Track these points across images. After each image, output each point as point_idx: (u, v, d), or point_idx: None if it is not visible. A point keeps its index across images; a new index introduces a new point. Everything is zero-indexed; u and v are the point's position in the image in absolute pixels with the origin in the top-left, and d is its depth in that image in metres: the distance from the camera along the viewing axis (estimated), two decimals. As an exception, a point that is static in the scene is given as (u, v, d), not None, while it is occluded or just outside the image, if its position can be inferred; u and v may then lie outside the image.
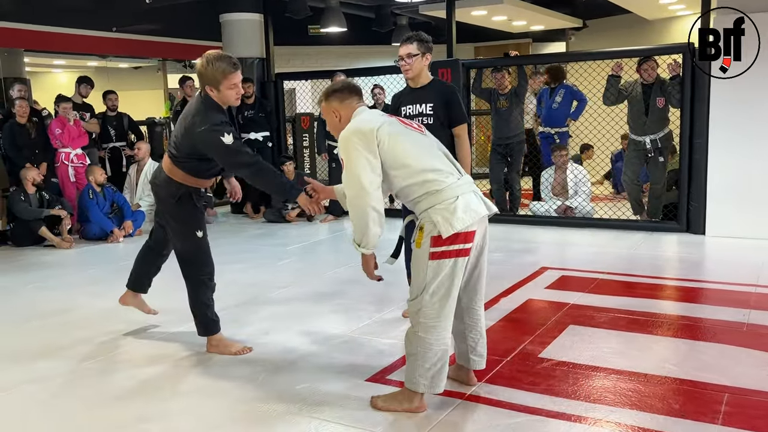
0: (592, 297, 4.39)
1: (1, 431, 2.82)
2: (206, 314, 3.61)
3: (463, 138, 3.83)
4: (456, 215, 2.61)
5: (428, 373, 2.72)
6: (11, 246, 6.81)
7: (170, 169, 3.45)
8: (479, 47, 12.72)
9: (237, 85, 3.30)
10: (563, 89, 7.66)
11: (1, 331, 4.15)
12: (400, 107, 3.90)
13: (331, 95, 2.90)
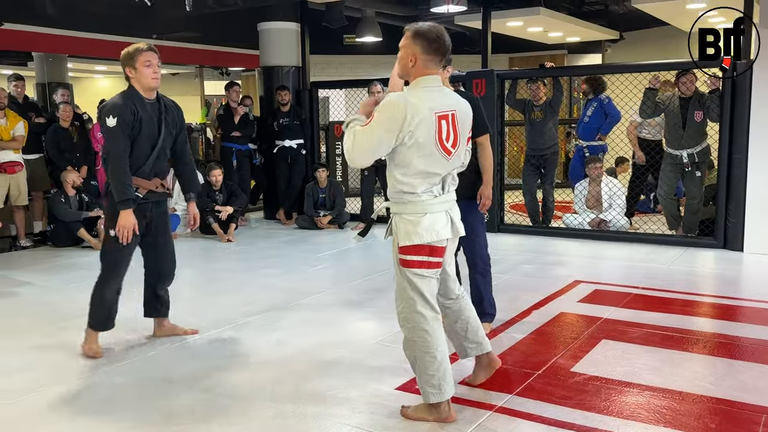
0: (625, 312, 4.33)
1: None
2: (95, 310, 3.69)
3: (486, 147, 3.88)
4: (417, 230, 2.68)
5: (433, 381, 2.73)
6: (51, 246, 6.98)
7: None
8: (514, 58, 12.68)
9: (151, 63, 3.52)
10: (595, 102, 7.58)
11: (42, 329, 4.25)
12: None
13: (417, 38, 2.68)
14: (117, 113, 3.42)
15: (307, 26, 8.72)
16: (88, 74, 16.63)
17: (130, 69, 3.52)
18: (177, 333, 4.00)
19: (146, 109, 3.54)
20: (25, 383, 3.33)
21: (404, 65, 2.75)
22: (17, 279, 5.60)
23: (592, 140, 7.72)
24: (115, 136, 3.43)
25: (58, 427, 2.87)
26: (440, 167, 2.71)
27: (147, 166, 3.59)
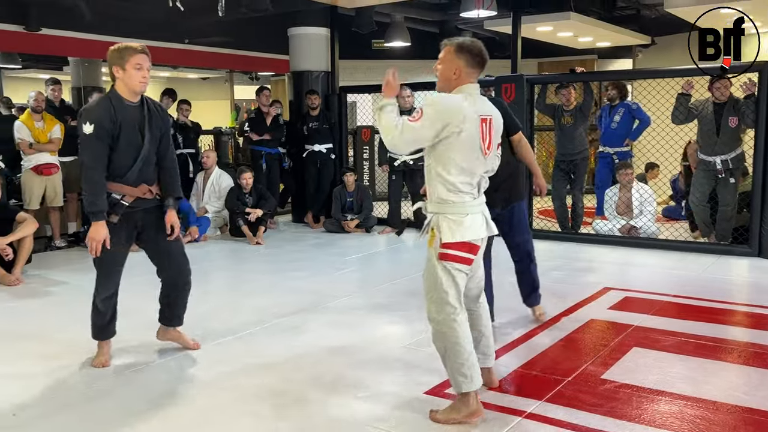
0: (657, 319, 4.27)
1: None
2: (92, 319, 3.64)
3: (524, 141, 4.03)
4: (461, 228, 2.85)
5: (463, 369, 2.81)
6: (84, 247, 7.09)
7: None
8: (543, 63, 12.60)
9: (142, 66, 3.32)
10: (622, 108, 7.48)
11: (75, 328, 4.33)
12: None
13: (462, 53, 2.86)
14: (94, 119, 3.24)
15: (336, 31, 8.78)
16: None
17: (117, 68, 3.31)
18: (180, 341, 3.83)
19: (127, 114, 3.33)
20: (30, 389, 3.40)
21: (447, 78, 2.91)
22: (53, 278, 5.72)
23: (619, 146, 7.62)
24: (90, 144, 3.25)
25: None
26: (478, 166, 2.88)
27: (132, 174, 3.38)
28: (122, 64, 3.29)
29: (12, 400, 3.15)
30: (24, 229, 5.65)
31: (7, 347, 3.95)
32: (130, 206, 3.44)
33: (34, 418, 2.97)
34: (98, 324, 3.62)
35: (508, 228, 4.09)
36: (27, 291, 5.31)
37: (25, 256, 5.66)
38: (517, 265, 4.28)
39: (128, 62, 3.29)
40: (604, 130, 7.67)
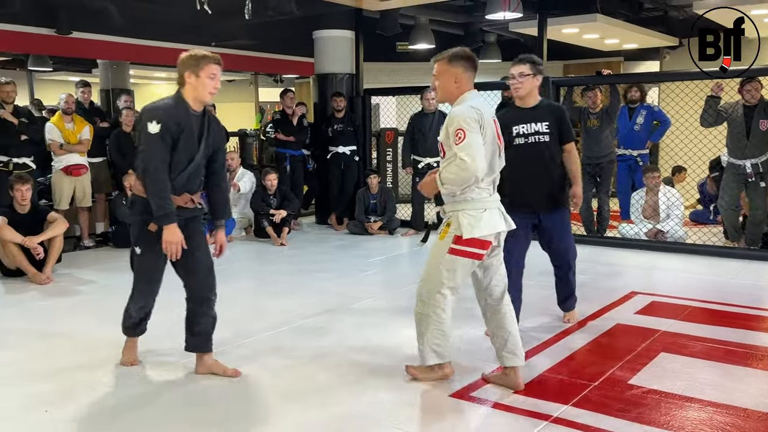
0: (685, 325, 4.22)
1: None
2: (124, 317, 3.61)
3: (574, 153, 4.11)
4: (479, 224, 3.02)
5: (438, 349, 3.16)
6: (112, 247, 7.22)
7: (134, 182, 3.36)
8: (568, 65, 12.51)
9: (215, 76, 3.23)
10: (644, 110, 7.39)
11: (104, 326, 4.40)
12: (511, 126, 3.95)
13: (457, 60, 3.06)
14: (161, 119, 3.11)
15: (361, 34, 8.81)
16: (147, 81, 17.16)
17: (190, 74, 3.19)
18: (217, 372, 3.48)
19: (190, 121, 3.22)
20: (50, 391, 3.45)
21: (448, 89, 3.10)
22: (82, 277, 5.81)
23: (641, 148, 7.52)
24: (156, 144, 3.10)
25: (121, 421, 2.97)
26: (498, 164, 3.13)
27: (179, 181, 3.25)
28: (197, 71, 3.18)
29: (44, 396, 3.21)
30: (55, 229, 5.75)
31: (38, 344, 4.03)
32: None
33: (64, 414, 3.02)
34: (130, 323, 3.62)
35: (551, 233, 4.13)
36: (57, 290, 5.40)
37: (56, 255, 5.76)
38: (556, 270, 4.31)
39: (203, 70, 3.18)
40: (625, 133, 7.57)
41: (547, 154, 3.98)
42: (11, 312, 4.79)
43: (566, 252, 4.21)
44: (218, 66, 3.25)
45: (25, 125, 6.62)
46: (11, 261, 5.61)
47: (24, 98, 10.98)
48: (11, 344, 4.02)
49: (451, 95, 3.09)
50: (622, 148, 7.67)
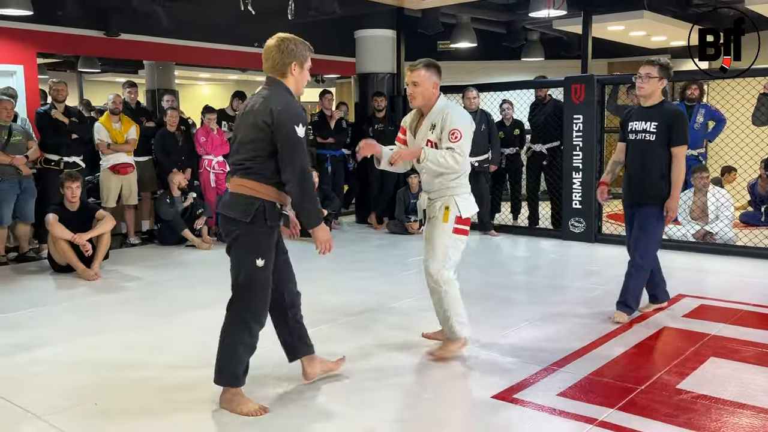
0: (735, 329, 4.09)
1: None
2: (233, 361, 2.95)
3: (680, 158, 4.16)
4: (468, 204, 3.59)
5: (462, 319, 3.57)
6: (157, 244, 7.36)
7: (241, 183, 2.90)
8: (613, 63, 12.28)
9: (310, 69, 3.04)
10: (703, 108, 7.19)
11: (150, 322, 4.49)
12: (629, 122, 4.28)
13: (433, 67, 3.51)
14: (303, 122, 2.87)
15: (402, 33, 8.80)
16: (192, 81, 17.44)
17: (296, 66, 2.92)
18: (329, 369, 3.36)
19: None
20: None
21: (428, 94, 3.51)
22: (128, 274, 5.94)
23: (701, 147, 7.31)
24: (304, 147, 2.88)
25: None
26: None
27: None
28: (303, 62, 2.95)
29: (94, 388, 3.29)
30: (103, 226, 5.90)
31: (87, 339, 4.13)
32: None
33: (113, 407, 3.08)
34: (237, 370, 2.96)
35: (633, 226, 4.28)
36: (105, 286, 5.53)
37: (103, 252, 5.90)
38: (628, 265, 4.36)
39: (307, 61, 2.98)
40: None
41: (648, 152, 4.15)
42: (62, 307, 4.93)
43: (635, 248, 4.25)
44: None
45: (75, 125, 6.81)
46: (62, 257, 5.77)
47: (74, 99, 11.29)
48: (62, 338, 4.13)
49: (430, 100, 3.51)
50: None
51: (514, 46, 11.15)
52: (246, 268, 2.92)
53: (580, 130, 7.16)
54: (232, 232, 2.93)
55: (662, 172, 4.13)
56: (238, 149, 2.93)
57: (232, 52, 9.68)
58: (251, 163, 2.87)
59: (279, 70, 2.93)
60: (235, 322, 2.94)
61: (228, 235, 2.97)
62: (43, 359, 3.75)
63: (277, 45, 2.93)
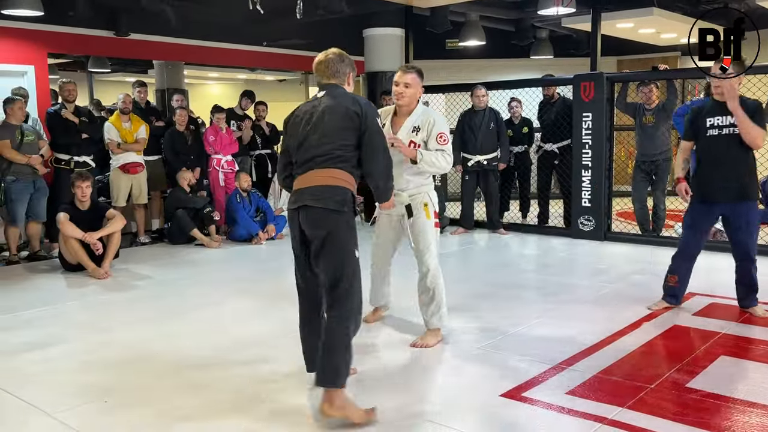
0: (747, 328, 4.07)
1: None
2: (346, 358, 2.84)
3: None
4: (435, 198, 3.92)
5: (444, 309, 3.91)
6: (167, 243, 7.39)
7: (330, 175, 2.87)
8: (622, 60, 12.22)
9: None
10: None
11: (161, 320, 4.51)
12: (706, 117, 4.21)
13: (421, 74, 3.79)
14: (380, 118, 3.18)
15: (411, 31, 8.79)
16: (201, 81, 17.50)
17: (351, 75, 3.18)
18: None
19: None
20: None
21: (415, 97, 3.78)
22: (139, 272, 5.98)
23: None
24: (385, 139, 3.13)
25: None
26: None
27: None
28: (353, 74, 3.22)
29: (104, 385, 3.31)
30: (113, 225, 5.93)
31: (98, 337, 4.15)
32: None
33: (123, 404, 3.10)
34: (347, 368, 2.83)
35: (736, 225, 4.22)
36: (115, 284, 5.57)
37: (114, 250, 5.93)
38: (737, 264, 4.33)
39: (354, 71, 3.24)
40: None
41: (734, 146, 4.10)
42: (73, 306, 4.96)
43: (748, 245, 4.23)
44: None
45: (85, 124, 6.85)
46: (72, 256, 5.81)
47: (84, 99, 11.36)
48: (72, 336, 4.16)
49: (412, 103, 3.78)
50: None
51: (522, 44, 11.12)
52: (349, 261, 2.87)
53: (589, 128, 7.13)
54: (326, 227, 2.84)
55: (751, 166, 4.15)
56: (321, 141, 2.90)
57: (241, 51, 9.71)
58: (342, 152, 2.91)
59: (340, 77, 3.13)
60: (344, 320, 2.84)
61: (319, 229, 2.84)
62: (54, 357, 3.78)
63: (340, 55, 3.16)
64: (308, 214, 2.87)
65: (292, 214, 2.98)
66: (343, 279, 2.84)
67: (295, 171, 3.00)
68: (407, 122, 3.78)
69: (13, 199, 6.26)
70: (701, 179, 4.26)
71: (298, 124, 3.01)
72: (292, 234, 3.03)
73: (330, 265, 2.86)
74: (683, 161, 4.45)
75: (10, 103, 6.34)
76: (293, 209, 2.96)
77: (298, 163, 2.97)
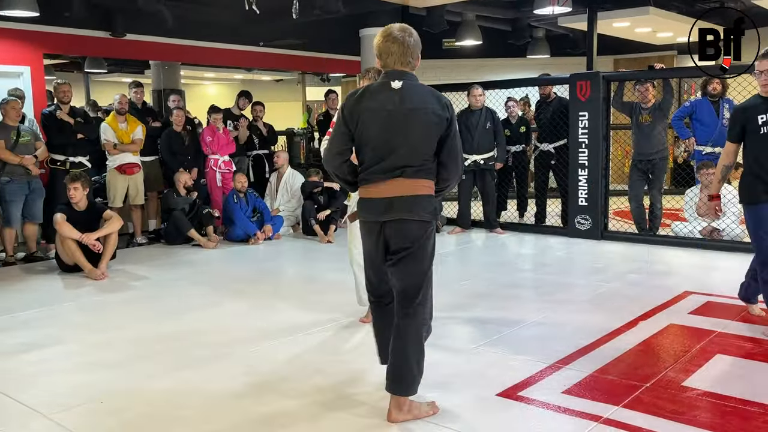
0: (742, 326, 4.07)
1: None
2: (420, 367, 2.85)
3: None
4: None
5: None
6: (164, 244, 7.39)
7: (422, 184, 2.78)
8: (619, 59, 12.24)
9: None
10: (727, 103, 6.92)
11: (159, 320, 4.51)
12: (757, 115, 4.01)
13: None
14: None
15: (407, 31, 8.78)
16: (197, 81, 17.49)
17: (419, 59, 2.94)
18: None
19: None
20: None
21: None
22: (136, 273, 5.97)
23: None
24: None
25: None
26: None
27: None
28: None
29: (100, 386, 3.31)
30: (111, 226, 5.93)
31: (94, 337, 4.15)
32: None
33: (119, 406, 3.10)
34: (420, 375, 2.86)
35: None
36: (112, 285, 5.56)
37: (111, 251, 5.93)
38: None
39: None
40: (715, 129, 6.94)
41: None
42: (69, 306, 4.96)
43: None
44: None
45: (80, 125, 6.84)
46: (69, 257, 5.80)
47: (80, 99, 11.35)
48: (69, 337, 4.16)
49: None
50: (711, 146, 7.01)
51: (519, 43, 11.13)
52: (430, 270, 2.88)
53: (585, 128, 7.14)
54: (417, 239, 2.79)
55: None
56: (413, 154, 2.75)
57: (237, 51, 9.71)
58: (431, 163, 2.80)
59: (413, 64, 2.86)
60: (420, 327, 2.85)
61: (409, 241, 2.78)
62: (51, 358, 3.77)
63: (417, 37, 2.85)
64: (401, 226, 2.78)
65: (373, 226, 2.82)
66: (422, 288, 2.83)
67: (372, 174, 2.78)
68: None
69: (8, 200, 6.25)
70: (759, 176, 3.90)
71: (375, 118, 2.76)
72: (369, 243, 2.89)
73: (411, 275, 2.82)
74: (724, 168, 4.16)
75: (4, 104, 6.33)
76: (379, 221, 2.79)
77: (380, 169, 2.76)
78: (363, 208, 2.85)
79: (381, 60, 2.86)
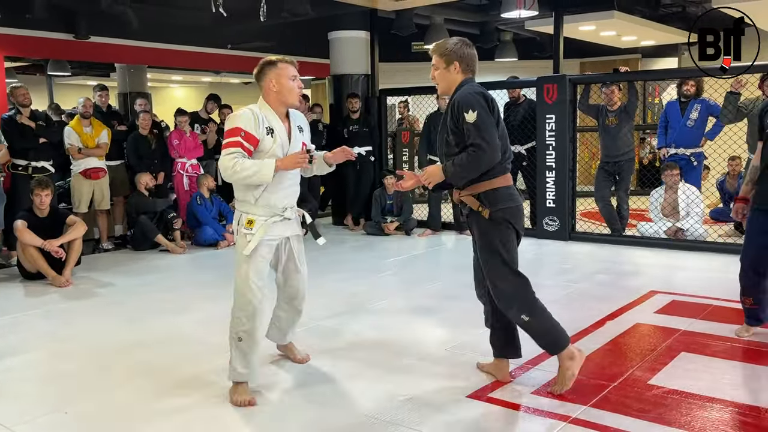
0: (705, 324, 4.16)
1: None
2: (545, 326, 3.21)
3: None
4: None
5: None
6: (130, 249, 7.27)
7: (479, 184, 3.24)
8: (585, 63, 12.42)
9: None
10: (698, 104, 6.93)
11: (125, 328, 4.43)
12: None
13: None
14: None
15: (376, 34, 8.81)
16: (165, 84, 17.30)
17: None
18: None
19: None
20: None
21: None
22: (101, 280, 5.86)
23: (696, 146, 7.00)
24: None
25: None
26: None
27: None
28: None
29: (65, 395, 3.24)
30: (74, 232, 5.81)
31: (59, 346, 4.06)
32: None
33: (84, 414, 3.04)
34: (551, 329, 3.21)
35: None
36: (77, 292, 5.46)
37: (75, 258, 5.81)
38: None
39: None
40: (677, 129, 6.99)
41: None
42: (32, 315, 4.84)
43: None
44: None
45: (42, 128, 6.69)
46: (32, 264, 5.67)
47: (43, 103, 11.12)
48: (32, 346, 4.07)
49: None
50: (674, 147, 7.12)
51: (487, 46, 11.22)
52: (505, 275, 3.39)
53: (552, 130, 7.22)
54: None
55: None
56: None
57: (205, 54, 9.63)
58: None
59: (447, 65, 3.34)
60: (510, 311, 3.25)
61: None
62: (14, 367, 3.69)
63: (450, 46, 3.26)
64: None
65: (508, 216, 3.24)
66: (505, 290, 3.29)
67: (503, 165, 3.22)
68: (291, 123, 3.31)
69: (-32, 206, 6.09)
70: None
71: (496, 115, 3.20)
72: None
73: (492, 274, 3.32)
74: (754, 168, 3.85)
75: (-37, 108, 6.17)
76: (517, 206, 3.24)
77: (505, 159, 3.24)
78: (512, 199, 3.24)
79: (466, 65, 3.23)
